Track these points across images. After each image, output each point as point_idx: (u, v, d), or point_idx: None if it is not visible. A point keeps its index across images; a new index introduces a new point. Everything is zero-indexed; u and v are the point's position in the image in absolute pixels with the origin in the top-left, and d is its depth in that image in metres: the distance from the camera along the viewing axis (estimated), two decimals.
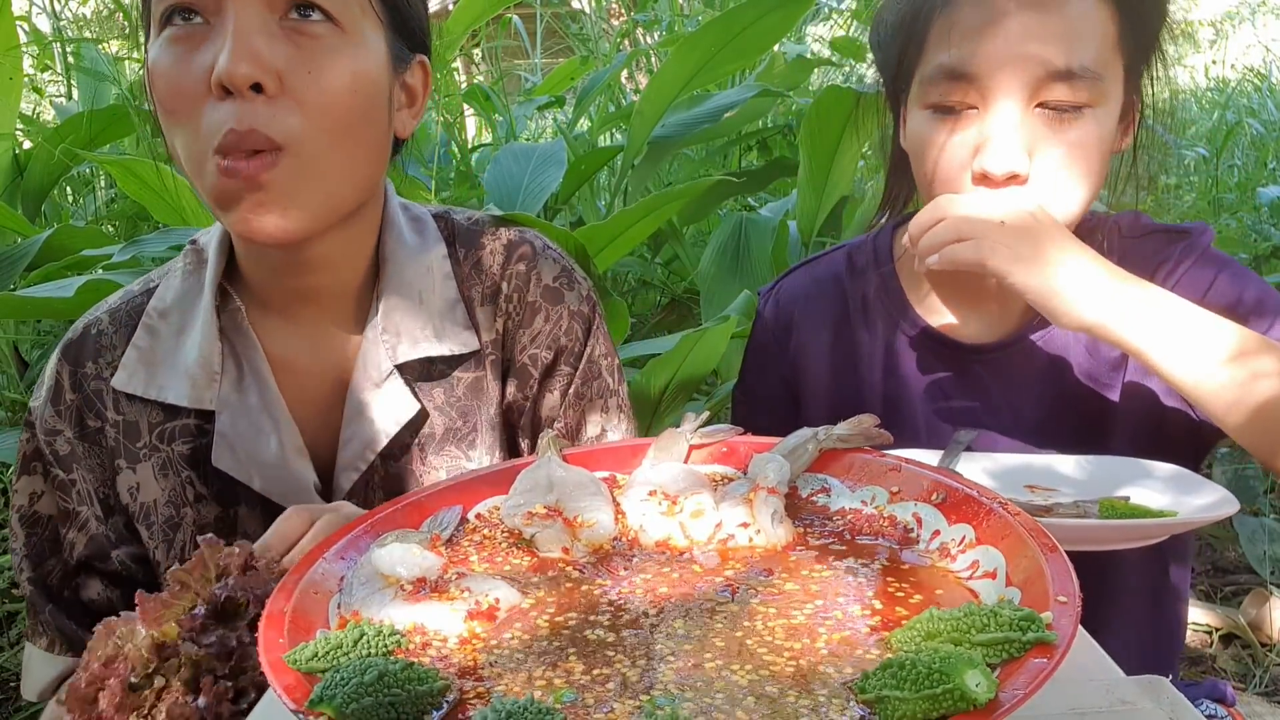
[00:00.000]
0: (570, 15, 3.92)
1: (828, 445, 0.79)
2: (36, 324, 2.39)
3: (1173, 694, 0.60)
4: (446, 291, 0.99)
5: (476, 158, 2.87)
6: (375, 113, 0.88)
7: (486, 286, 1.01)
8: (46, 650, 0.98)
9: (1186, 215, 3.81)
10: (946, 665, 0.46)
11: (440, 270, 1.00)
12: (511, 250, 1.02)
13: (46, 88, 3.39)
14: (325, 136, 0.84)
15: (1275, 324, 0.96)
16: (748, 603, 0.62)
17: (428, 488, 0.78)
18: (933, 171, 0.96)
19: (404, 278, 0.97)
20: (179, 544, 0.96)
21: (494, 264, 1.02)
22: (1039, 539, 0.60)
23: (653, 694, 0.52)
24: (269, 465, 0.94)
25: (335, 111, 0.84)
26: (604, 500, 0.75)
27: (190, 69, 0.82)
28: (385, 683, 0.50)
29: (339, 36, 0.84)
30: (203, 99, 0.81)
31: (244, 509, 0.96)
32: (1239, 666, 1.99)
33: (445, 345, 0.97)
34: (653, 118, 2.24)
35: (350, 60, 0.84)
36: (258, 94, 0.80)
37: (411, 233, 1.00)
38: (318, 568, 0.65)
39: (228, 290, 0.97)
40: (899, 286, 1.09)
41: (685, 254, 2.55)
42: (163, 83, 0.83)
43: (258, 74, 0.79)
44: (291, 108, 0.82)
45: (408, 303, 0.97)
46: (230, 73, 0.79)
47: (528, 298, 1.01)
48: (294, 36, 0.82)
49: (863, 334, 1.09)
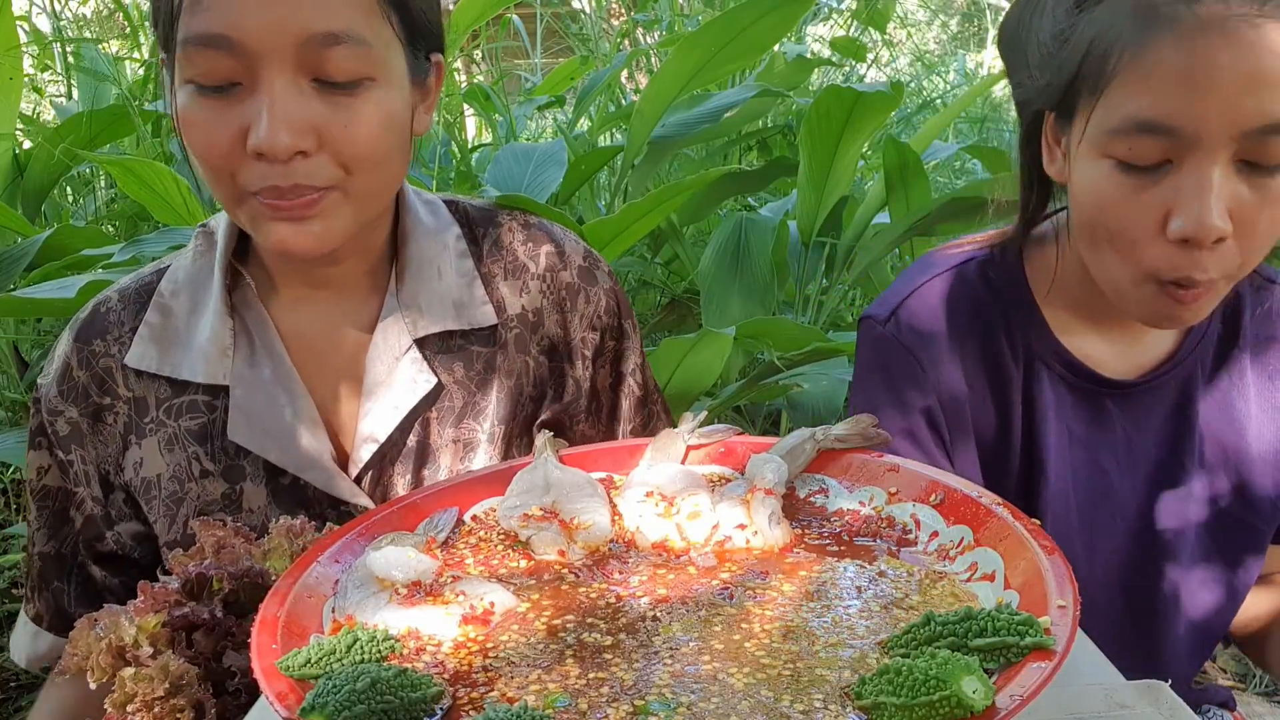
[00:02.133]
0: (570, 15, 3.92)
1: (825, 445, 0.79)
2: (36, 324, 2.39)
3: (1171, 698, 0.59)
4: (464, 268, 1.01)
5: (476, 158, 2.87)
6: (403, 136, 0.91)
7: (509, 262, 1.03)
8: (33, 622, 1.01)
9: None
10: (943, 671, 0.46)
11: (456, 248, 1.02)
12: (531, 231, 1.05)
13: (46, 88, 3.40)
14: (366, 174, 0.87)
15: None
16: (745, 605, 0.62)
17: (424, 489, 0.78)
18: (1114, 229, 0.86)
19: (423, 255, 0.99)
20: (181, 519, 0.97)
21: (513, 241, 1.04)
22: (1039, 541, 0.60)
23: (648, 698, 0.52)
24: (284, 437, 0.95)
25: (373, 155, 0.86)
26: (601, 502, 0.75)
27: (225, 126, 0.83)
28: (378, 690, 0.49)
29: (369, 83, 0.85)
30: (239, 157, 0.83)
31: (249, 485, 0.97)
32: (1239, 666, 1.99)
33: (464, 320, 0.99)
34: (653, 118, 2.24)
35: (380, 103, 0.86)
36: (299, 155, 0.83)
37: (428, 214, 1.03)
38: (312, 571, 0.65)
39: (239, 269, 0.99)
40: (1040, 313, 0.99)
41: (685, 254, 2.55)
42: (197, 136, 0.85)
43: (298, 143, 0.81)
44: (329, 160, 0.84)
45: (426, 279, 0.99)
46: (271, 145, 0.80)
47: (563, 277, 1.03)
48: (327, 93, 0.83)
49: (1008, 360, 0.99)
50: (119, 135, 2.53)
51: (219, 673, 0.70)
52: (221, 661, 0.71)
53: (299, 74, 0.82)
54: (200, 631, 0.70)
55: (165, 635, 0.69)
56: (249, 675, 0.67)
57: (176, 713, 0.66)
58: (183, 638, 0.70)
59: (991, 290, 1.00)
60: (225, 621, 0.72)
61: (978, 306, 0.99)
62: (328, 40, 0.81)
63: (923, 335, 0.99)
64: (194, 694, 0.66)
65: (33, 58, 3.08)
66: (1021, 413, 0.98)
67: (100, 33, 3.66)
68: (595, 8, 3.63)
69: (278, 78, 0.81)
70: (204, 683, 0.68)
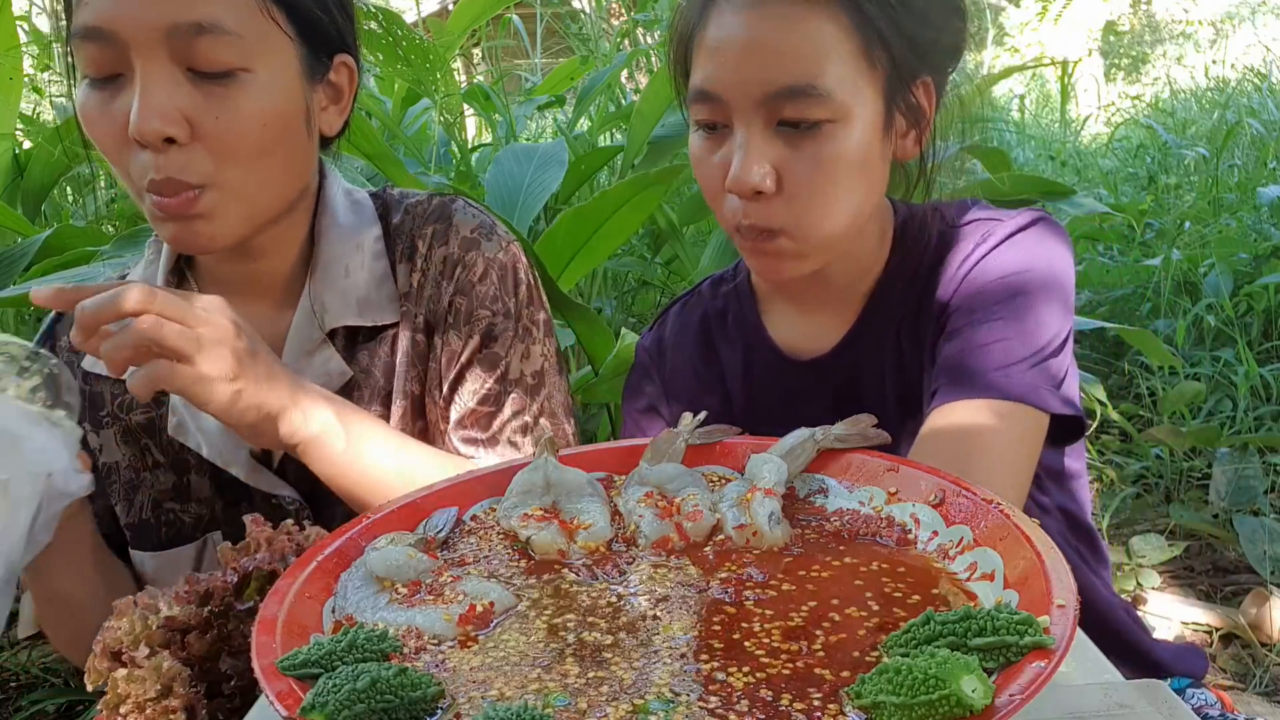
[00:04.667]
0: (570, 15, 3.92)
1: (825, 445, 0.79)
2: (37, 322, 2.39)
3: (1170, 697, 0.59)
4: (376, 268, 1.04)
5: (476, 158, 2.87)
6: (289, 133, 0.93)
7: (405, 245, 1.06)
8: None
9: (1186, 215, 3.81)
10: (943, 671, 0.46)
11: (371, 248, 1.05)
12: (430, 208, 1.08)
13: (46, 88, 3.39)
14: (240, 169, 0.89)
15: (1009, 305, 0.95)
16: (744, 604, 0.62)
17: (423, 489, 0.78)
18: (703, 188, 0.99)
19: (333, 254, 1.03)
20: (139, 504, 1.05)
21: (413, 225, 1.07)
22: (1038, 540, 0.60)
23: (647, 698, 0.52)
24: (211, 433, 1.00)
25: (247, 148, 0.89)
26: (600, 502, 0.75)
27: (111, 117, 0.87)
28: (378, 689, 0.50)
29: (245, 77, 0.88)
30: (127, 144, 0.87)
31: (194, 476, 1.04)
32: (1239, 666, 1.99)
33: (368, 317, 1.03)
34: (653, 118, 2.24)
35: (258, 97, 0.89)
36: (170, 144, 0.86)
37: (348, 213, 1.06)
38: (312, 571, 0.65)
39: (185, 273, 1.05)
40: (753, 304, 1.13)
41: (685, 254, 2.54)
42: (89, 127, 0.90)
43: (166, 129, 0.85)
44: (204, 152, 0.87)
45: (334, 278, 1.02)
46: (140, 131, 0.85)
47: (442, 251, 1.05)
48: (200, 84, 0.87)
49: (724, 349, 1.14)
50: None
51: (214, 675, 0.70)
52: (218, 663, 0.71)
53: (172, 63, 0.86)
54: (193, 634, 0.71)
55: (160, 636, 0.70)
56: (244, 679, 0.68)
57: (169, 714, 0.66)
58: (178, 639, 0.70)
59: (717, 298, 1.16)
60: (221, 624, 0.72)
61: (704, 315, 1.16)
62: (193, 30, 0.85)
63: (660, 341, 1.19)
64: (186, 696, 0.67)
65: (33, 58, 3.07)
66: (742, 391, 1.12)
67: None
68: (595, 8, 3.63)
69: (150, 66, 0.85)
70: (197, 685, 0.68)
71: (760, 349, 1.11)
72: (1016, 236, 0.99)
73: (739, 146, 0.93)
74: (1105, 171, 4.70)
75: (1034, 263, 0.98)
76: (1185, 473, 2.59)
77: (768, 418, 1.03)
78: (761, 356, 1.11)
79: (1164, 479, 2.60)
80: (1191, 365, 2.95)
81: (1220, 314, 3.04)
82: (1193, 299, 3.18)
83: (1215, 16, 10.02)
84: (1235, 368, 2.81)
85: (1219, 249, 3.23)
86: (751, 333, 1.12)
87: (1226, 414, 2.77)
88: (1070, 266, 1.00)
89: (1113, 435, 2.85)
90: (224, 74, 0.87)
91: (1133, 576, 2.21)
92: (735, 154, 0.93)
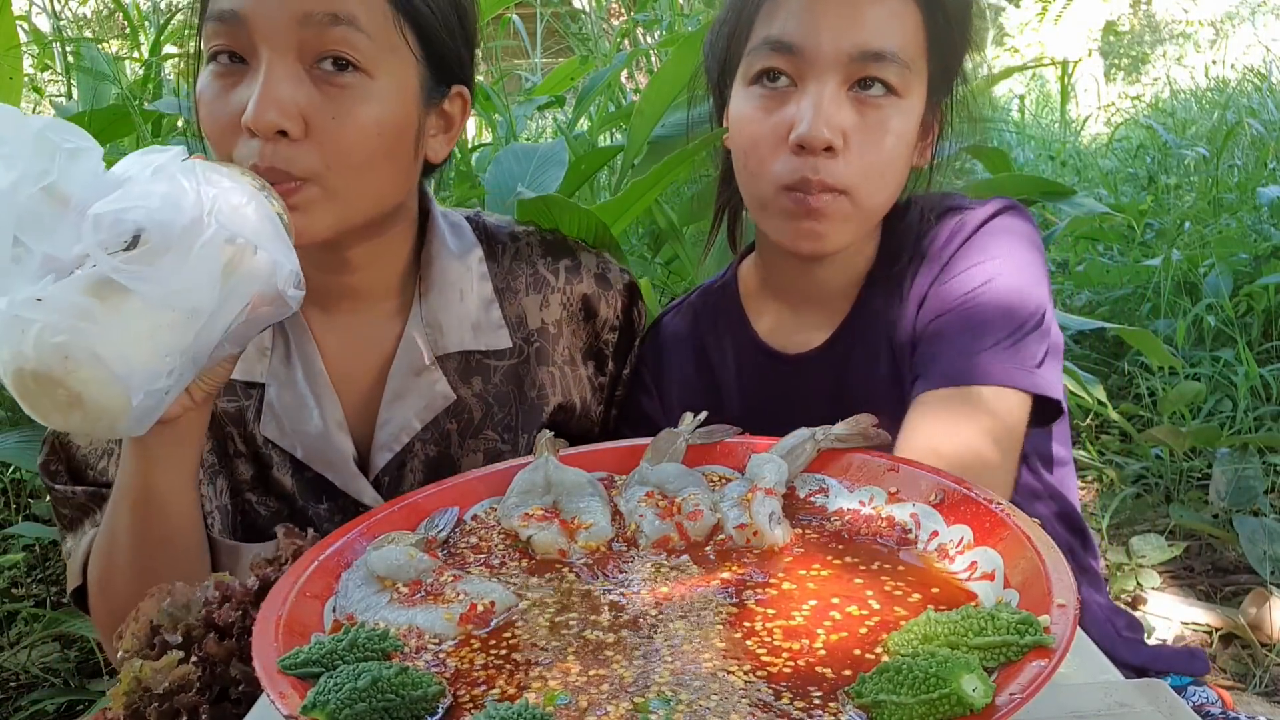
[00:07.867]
0: (570, 15, 3.92)
1: (826, 445, 0.79)
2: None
3: (1170, 697, 0.59)
4: (483, 291, 1.07)
5: (476, 157, 2.87)
6: (399, 148, 0.94)
7: (529, 277, 1.09)
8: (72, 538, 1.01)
9: (1186, 215, 3.81)
10: (943, 669, 0.46)
11: (478, 271, 1.07)
12: (549, 246, 1.12)
13: (46, 88, 3.39)
14: (345, 172, 0.90)
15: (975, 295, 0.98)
16: (745, 603, 0.62)
17: (424, 489, 0.78)
18: (750, 147, 1.01)
19: (446, 277, 1.05)
20: (218, 488, 1.04)
21: (533, 256, 1.11)
22: (1038, 540, 0.60)
23: (648, 696, 0.52)
24: (311, 436, 1.01)
25: (356, 153, 0.90)
26: (601, 501, 0.75)
27: (228, 105, 0.88)
28: (379, 688, 0.50)
29: (367, 83, 0.89)
30: (236, 133, 0.88)
31: (276, 471, 1.03)
32: (1239, 666, 1.99)
33: (481, 341, 1.05)
34: (653, 118, 2.24)
35: (376, 106, 0.90)
36: (281, 137, 0.86)
37: (452, 237, 1.08)
38: (313, 571, 0.65)
39: None
40: (740, 304, 1.15)
41: (685, 254, 2.54)
42: (204, 113, 0.91)
43: (281, 122, 0.85)
44: (313, 149, 0.88)
45: (449, 300, 1.05)
46: (256, 119, 0.85)
47: (580, 288, 1.10)
48: (322, 84, 0.88)
49: (715, 350, 1.16)
50: (119, 135, 2.53)
51: (224, 679, 0.70)
52: (229, 668, 0.71)
53: (298, 58, 0.87)
54: (212, 637, 0.70)
55: (197, 628, 0.70)
56: (250, 684, 0.68)
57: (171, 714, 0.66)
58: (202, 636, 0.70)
59: (708, 305, 1.19)
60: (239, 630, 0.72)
61: (695, 320, 1.19)
62: (328, 19, 0.86)
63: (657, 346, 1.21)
64: (191, 698, 0.67)
65: (33, 58, 3.07)
66: (736, 390, 1.14)
67: (100, 32, 3.66)
68: (595, 8, 3.63)
69: (275, 58, 0.86)
70: (207, 690, 0.68)
71: (749, 348, 1.13)
72: (986, 225, 1.03)
73: (812, 102, 0.95)
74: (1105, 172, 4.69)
75: (1002, 249, 1.01)
76: (1185, 473, 2.59)
77: (762, 416, 1.04)
78: (751, 355, 1.13)
79: (1164, 479, 2.60)
80: (1191, 365, 2.94)
81: (1220, 314, 3.03)
82: (1193, 299, 3.18)
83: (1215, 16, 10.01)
84: (1235, 368, 2.81)
85: (1219, 249, 3.23)
86: (740, 332, 1.14)
87: (1226, 414, 2.77)
88: (1039, 247, 1.04)
89: (1113, 435, 2.85)
90: (346, 71, 0.88)
91: (1133, 576, 2.21)
92: (806, 109, 0.95)
